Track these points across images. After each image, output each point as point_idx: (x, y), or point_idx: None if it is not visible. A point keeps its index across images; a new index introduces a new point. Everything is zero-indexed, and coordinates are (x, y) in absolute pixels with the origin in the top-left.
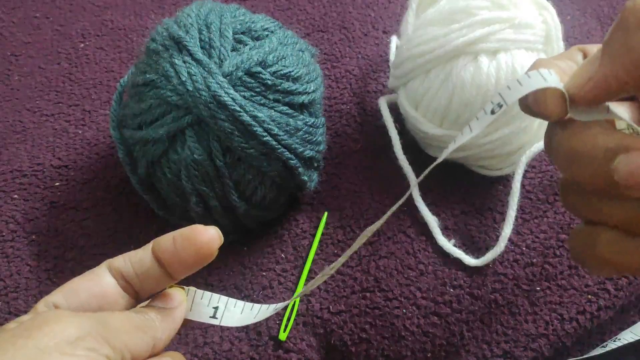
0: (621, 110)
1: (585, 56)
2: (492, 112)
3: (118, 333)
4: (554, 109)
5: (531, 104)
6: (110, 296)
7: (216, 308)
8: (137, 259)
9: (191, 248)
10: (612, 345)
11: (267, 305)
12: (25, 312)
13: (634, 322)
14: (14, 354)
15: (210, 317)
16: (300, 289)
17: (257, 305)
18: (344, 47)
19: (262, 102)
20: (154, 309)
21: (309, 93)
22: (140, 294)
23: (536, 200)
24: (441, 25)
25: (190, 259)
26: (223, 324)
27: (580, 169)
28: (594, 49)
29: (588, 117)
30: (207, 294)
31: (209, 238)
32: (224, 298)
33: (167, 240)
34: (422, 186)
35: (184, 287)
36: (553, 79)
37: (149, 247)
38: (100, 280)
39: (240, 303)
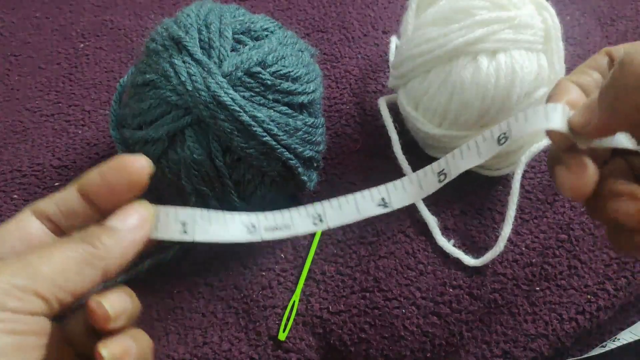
0: (626, 139)
1: (611, 60)
2: (499, 141)
3: (49, 278)
4: (558, 141)
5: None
6: (38, 240)
7: (184, 223)
8: (61, 199)
9: (123, 178)
10: (611, 345)
11: (246, 214)
12: None
13: (634, 322)
14: None
15: (181, 233)
16: (299, 288)
17: (229, 216)
18: (343, 47)
19: (261, 102)
20: (108, 231)
21: (308, 93)
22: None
23: (536, 200)
24: (441, 25)
25: (122, 189)
26: (197, 239)
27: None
28: (620, 51)
29: (594, 145)
30: (172, 209)
31: (140, 165)
32: (191, 211)
33: (93, 176)
34: None
35: (147, 202)
36: (555, 120)
37: (73, 185)
38: (25, 225)
39: (207, 213)
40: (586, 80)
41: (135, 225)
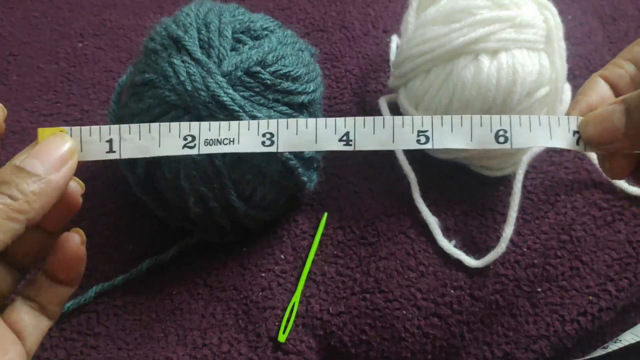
0: None
1: (638, 67)
2: (497, 137)
3: None
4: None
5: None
6: None
7: (110, 141)
8: None
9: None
10: (613, 346)
11: (167, 124)
12: None
13: (635, 324)
14: None
15: (107, 152)
16: (299, 290)
17: (154, 125)
18: (344, 47)
19: (261, 102)
20: (27, 178)
21: (308, 93)
22: None
23: (537, 200)
24: (442, 24)
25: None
26: (123, 155)
27: None
28: None
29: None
30: (96, 128)
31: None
32: (115, 127)
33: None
34: (423, 187)
35: (63, 129)
36: (559, 138)
37: None
38: None
39: (135, 127)
40: (618, 75)
41: (58, 163)
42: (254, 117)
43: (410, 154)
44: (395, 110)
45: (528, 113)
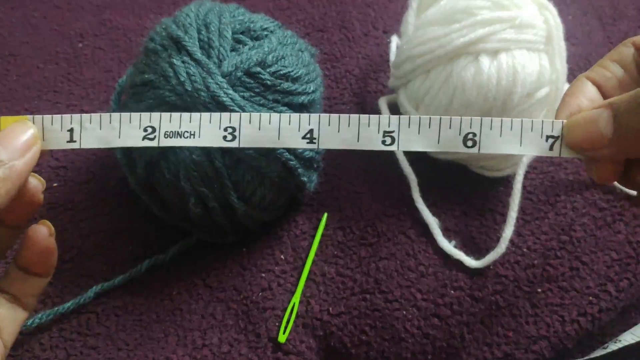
0: None
1: (638, 52)
2: (465, 141)
3: None
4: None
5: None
6: None
7: (71, 130)
8: None
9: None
10: (613, 346)
11: (128, 114)
12: None
13: (635, 324)
14: None
15: (68, 141)
16: (299, 290)
17: (115, 115)
18: (344, 47)
19: (261, 102)
20: None
21: (308, 93)
22: None
23: (537, 201)
24: (442, 25)
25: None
26: (83, 145)
27: None
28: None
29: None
30: (58, 117)
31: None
32: (77, 116)
33: None
34: (423, 187)
35: (25, 117)
36: (529, 145)
37: None
38: None
39: (96, 116)
40: (605, 77)
41: (22, 149)
42: None
43: (410, 154)
44: (396, 110)
45: (528, 114)
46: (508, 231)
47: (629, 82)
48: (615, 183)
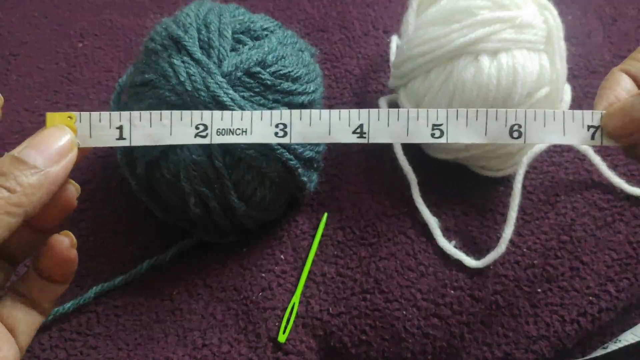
0: None
1: None
2: (511, 132)
3: None
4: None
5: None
6: None
7: (120, 127)
8: None
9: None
10: (612, 346)
11: (179, 111)
12: None
13: (635, 324)
14: None
15: (117, 139)
16: (299, 290)
17: (166, 113)
18: (344, 47)
19: (261, 102)
20: (26, 169)
21: (308, 93)
22: None
23: (537, 201)
24: (442, 25)
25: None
26: (134, 143)
27: None
28: None
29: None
30: (106, 114)
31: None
32: (126, 113)
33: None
34: (423, 187)
35: (72, 114)
36: (573, 135)
37: None
38: None
39: (146, 114)
40: (638, 69)
41: (57, 155)
42: None
43: (410, 154)
44: None
45: None
46: (508, 231)
47: None
48: (617, 182)
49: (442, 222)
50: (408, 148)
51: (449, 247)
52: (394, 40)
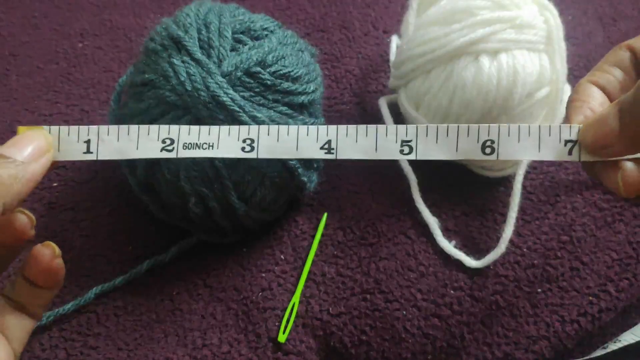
0: None
1: (634, 55)
2: (483, 148)
3: None
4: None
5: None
6: None
7: (88, 141)
8: None
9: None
10: (612, 346)
11: (146, 126)
12: None
13: (635, 324)
14: None
15: (84, 152)
16: (299, 290)
17: (133, 127)
18: (344, 47)
19: (261, 102)
20: (7, 162)
21: (308, 93)
22: None
23: (537, 201)
24: (442, 25)
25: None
26: (100, 157)
27: None
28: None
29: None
30: (75, 128)
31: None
32: (94, 128)
33: None
34: (423, 187)
35: (41, 128)
36: (547, 151)
37: None
38: None
39: (114, 128)
40: (608, 80)
41: (36, 154)
42: (253, 118)
43: None
44: (396, 110)
45: (528, 114)
46: (508, 231)
47: (630, 84)
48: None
49: (442, 222)
50: None
51: (449, 247)
52: (394, 41)
